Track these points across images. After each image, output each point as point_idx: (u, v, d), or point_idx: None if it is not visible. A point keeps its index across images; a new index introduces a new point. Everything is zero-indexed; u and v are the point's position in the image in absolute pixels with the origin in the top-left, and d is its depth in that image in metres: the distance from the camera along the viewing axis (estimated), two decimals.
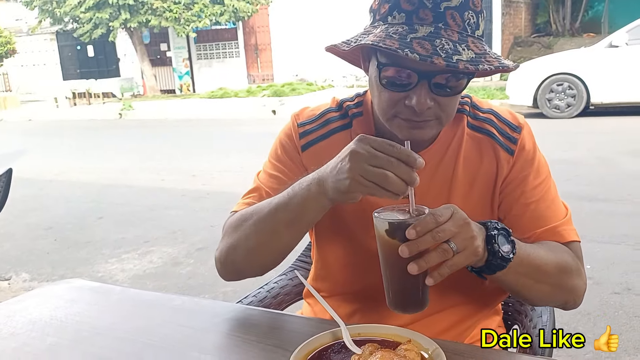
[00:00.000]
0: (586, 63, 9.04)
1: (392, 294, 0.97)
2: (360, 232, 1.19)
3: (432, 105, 1.00)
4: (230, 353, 1.03)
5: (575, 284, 1.10)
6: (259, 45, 19.53)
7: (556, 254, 1.07)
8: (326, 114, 1.23)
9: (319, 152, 1.18)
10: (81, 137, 12.00)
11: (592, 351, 2.59)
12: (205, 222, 4.99)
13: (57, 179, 7.41)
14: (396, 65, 0.99)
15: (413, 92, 0.99)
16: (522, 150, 1.14)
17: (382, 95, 1.04)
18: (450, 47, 0.94)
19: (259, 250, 1.12)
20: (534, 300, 1.14)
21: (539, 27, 17.22)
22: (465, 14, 0.97)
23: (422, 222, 0.89)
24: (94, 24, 17.82)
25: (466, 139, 1.16)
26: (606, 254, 3.66)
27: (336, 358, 0.95)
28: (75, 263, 4.25)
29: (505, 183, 1.14)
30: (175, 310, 1.23)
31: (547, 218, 1.12)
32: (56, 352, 1.07)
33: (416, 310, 0.97)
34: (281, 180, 1.19)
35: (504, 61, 0.99)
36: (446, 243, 0.90)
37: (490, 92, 12.06)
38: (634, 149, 6.66)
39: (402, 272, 0.91)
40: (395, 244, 0.90)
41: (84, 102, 18.34)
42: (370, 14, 1.05)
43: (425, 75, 0.97)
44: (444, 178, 1.15)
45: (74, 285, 1.40)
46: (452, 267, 0.91)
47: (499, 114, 1.18)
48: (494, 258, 0.95)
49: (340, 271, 1.25)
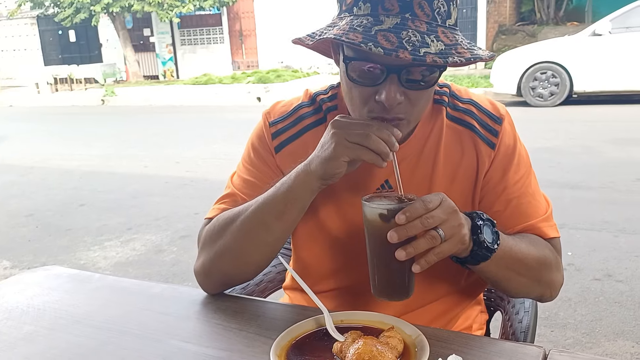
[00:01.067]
0: (570, 52, 9.09)
1: (377, 281, 0.96)
2: (339, 233, 1.17)
3: (402, 100, 0.96)
4: (211, 340, 1.02)
5: (554, 279, 1.11)
6: (243, 32, 19.34)
7: (537, 248, 1.07)
8: (299, 109, 1.19)
9: (294, 151, 1.15)
10: (63, 123, 11.84)
11: (573, 337, 2.62)
12: (189, 209, 4.95)
13: (38, 165, 7.31)
14: (363, 59, 0.95)
15: (382, 86, 0.94)
16: (503, 143, 1.11)
17: (352, 91, 1.00)
18: (418, 39, 0.88)
19: (249, 250, 1.09)
20: (513, 292, 1.13)
21: (524, 16, 17.25)
22: (435, 2, 0.92)
23: (412, 208, 0.88)
24: (76, 8, 17.54)
25: (446, 132, 1.12)
26: (587, 240, 3.70)
27: (319, 345, 0.94)
28: (56, 250, 4.20)
29: (487, 178, 1.12)
30: (154, 297, 1.21)
31: (528, 214, 1.11)
32: (33, 340, 1.05)
33: (401, 298, 0.96)
34: (256, 185, 1.16)
35: (477, 51, 0.93)
36: (434, 230, 0.89)
37: (475, 80, 12.09)
38: (616, 137, 6.72)
39: (389, 258, 0.90)
40: (384, 229, 0.89)
41: (66, 88, 18.05)
42: (337, 4, 0.99)
43: (393, 69, 0.93)
44: (424, 172, 1.12)
45: (52, 272, 1.38)
46: (438, 255, 0.90)
47: (479, 104, 1.14)
48: (479, 248, 0.95)
49: (319, 270, 1.22)
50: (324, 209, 1.16)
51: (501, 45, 15.57)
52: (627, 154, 5.98)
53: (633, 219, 4.07)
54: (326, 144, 0.96)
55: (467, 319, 1.26)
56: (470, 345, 0.94)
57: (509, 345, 0.96)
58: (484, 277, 1.07)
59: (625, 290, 3.02)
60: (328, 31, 0.95)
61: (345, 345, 0.89)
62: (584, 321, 2.75)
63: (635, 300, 2.91)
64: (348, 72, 0.98)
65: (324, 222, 1.17)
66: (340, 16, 0.97)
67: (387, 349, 0.86)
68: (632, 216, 4.12)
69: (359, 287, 1.15)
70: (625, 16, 8.78)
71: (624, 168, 5.39)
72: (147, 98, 14.77)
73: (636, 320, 2.72)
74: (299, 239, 1.23)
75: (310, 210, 1.08)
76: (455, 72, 14.14)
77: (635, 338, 2.57)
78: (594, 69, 8.90)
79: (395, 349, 0.88)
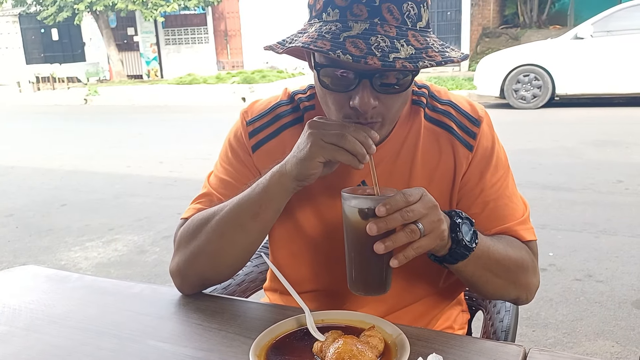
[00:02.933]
0: (552, 55, 9.20)
1: (354, 275, 0.96)
2: (316, 234, 1.16)
3: (377, 105, 0.95)
4: (189, 341, 1.00)
5: (530, 281, 1.11)
6: (228, 32, 19.28)
7: (514, 250, 1.07)
8: (277, 108, 1.18)
9: (271, 150, 1.14)
10: (45, 122, 11.70)
11: (554, 336, 2.64)
12: (172, 209, 4.92)
13: (19, 165, 7.21)
14: (333, 65, 0.94)
15: (355, 92, 0.94)
16: (481, 145, 1.11)
17: (327, 97, 1.00)
18: (387, 44, 0.87)
19: (225, 251, 1.08)
20: (489, 294, 1.12)
21: (507, 19, 17.41)
22: (404, 5, 0.90)
23: (393, 200, 0.88)
24: (59, 6, 17.36)
25: (424, 133, 1.12)
26: (568, 241, 3.73)
27: (299, 345, 0.94)
28: (37, 251, 4.14)
29: (464, 180, 1.12)
30: (133, 297, 1.19)
31: (505, 217, 1.11)
32: (8, 341, 1.03)
33: (378, 292, 0.96)
34: (232, 185, 1.15)
35: (449, 53, 0.93)
36: (413, 224, 0.88)
37: (459, 82, 12.16)
38: (596, 140, 6.81)
39: (368, 252, 0.89)
40: (363, 222, 0.89)
41: (48, 87, 17.85)
42: (308, 10, 0.99)
43: (365, 74, 0.92)
44: (401, 174, 1.12)
45: (29, 272, 1.35)
46: (417, 250, 0.89)
47: (458, 105, 1.14)
48: (457, 246, 0.95)
49: (297, 272, 1.20)
50: (301, 210, 1.15)
51: (485, 47, 15.70)
52: (607, 156, 6.06)
53: (613, 220, 4.11)
54: (302, 144, 0.96)
55: (448, 319, 1.26)
56: (451, 345, 0.94)
57: (490, 344, 0.96)
58: (461, 278, 1.06)
59: (605, 290, 3.05)
60: (298, 38, 0.94)
61: (326, 345, 0.88)
62: (565, 321, 2.77)
63: (615, 300, 2.94)
64: (320, 78, 0.98)
65: (301, 224, 1.16)
66: (310, 22, 0.97)
67: (368, 348, 0.85)
68: (612, 217, 4.17)
69: (336, 288, 1.15)
70: (606, 20, 8.90)
71: (604, 170, 5.46)
72: (130, 98, 14.66)
73: (616, 320, 2.75)
74: (276, 241, 1.22)
75: (287, 212, 1.08)
76: (440, 74, 14.23)
77: (615, 338, 2.60)
78: (575, 72, 9.01)
79: (375, 348, 0.87)
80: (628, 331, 2.65)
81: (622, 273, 3.24)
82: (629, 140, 6.68)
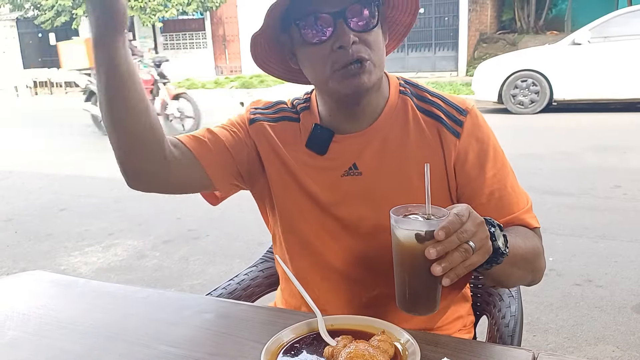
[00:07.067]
0: (549, 60, 9.22)
1: (408, 296, 0.94)
2: (323, 249, 1.20)
3: (356, 40, 1.05)
4: (201, 346, 1.01)
5: (542, 265, 1.16)
6: (227, 37, 19.31)
7: (529, 240, 1.10)
8: (280, 104, 1.29)
9: (265, 130, 1.23)
10: (42, 127, 11.67)
11: (555, 341, 2.65)
12: (172, 214, 4.92)
13: (17, 169, 7.20)
14: (309, 14, 1.05)
15: (335, 34, 1.05)
16: (469, 133, 1.15)
17: (313, 56, 1.09)
18: None
19: (119, 116, 1.14)
20: (509, 285, 1.17)
21: (504, 24, 17.47)
22: None
23: (450, 223, 0.86)
24: (57, 11, 17.36)
25: (415, 121, 1.18)
26: (568, 246, 3.75)
27: (309, 350, 0.94)
28: (36, 256, 4.14)
29: (465, 171, 1.14)
30: (140, 302, 1.20)
31: (511, 205, 1.14)
32: (17, 347, 1.03)
33: (432, 311, 0.94)
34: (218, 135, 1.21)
35: None
36: (466, 243, 0.88)
37: (457, 87, 12.21)
38: (594, 145, 6.83)
39: (423, 274, 0.88)
40: (420, 246, 0.88)
41: (46, 91, 17.83)
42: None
43: (337, 15, 1.04)
44: (393, 157, 1.16)
45: (35, 277, 1.36)
46: (468, 267, 0.89)
47: (447, 98, 1.20)
48: (495, 254, 0.95)
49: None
50: (309, 229, 1.20)
51: (482, 53, 15.75)
52: (605, 161, 6.08)
53: (612, 224, 4.13)
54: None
55: (455, 312, 1.29)
56: (460, 349, 0.94)
57: (499, 348, 0.97)
58: (487, 277, 1.08)
59: (605, 295, 3.06)
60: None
61: (337, 350, 0.89)
62: (566, 326, 2.78)
63: (615, 305, 2.95)
64: (303, 36, 1.08)
65: (298, 224, 1.22)
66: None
67: (379, 352, 0.86)
68: (610, 222, 4.18)
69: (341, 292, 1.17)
70: (604, 26, 8.93)
71: (602, 175, 5.48)
72: None
73: (616, 324, 2.76)
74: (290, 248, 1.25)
75: (286, 210, 1.16)
76: (437, 79, 14.27)
77: (615, 342, 2.61)
78: (573, 77, 9.04)
79: (386, 353, 0.88)
80: (628, 336, 2.66)
81: (622, 278, 3.25)
82: (627, 146, 6.71)
